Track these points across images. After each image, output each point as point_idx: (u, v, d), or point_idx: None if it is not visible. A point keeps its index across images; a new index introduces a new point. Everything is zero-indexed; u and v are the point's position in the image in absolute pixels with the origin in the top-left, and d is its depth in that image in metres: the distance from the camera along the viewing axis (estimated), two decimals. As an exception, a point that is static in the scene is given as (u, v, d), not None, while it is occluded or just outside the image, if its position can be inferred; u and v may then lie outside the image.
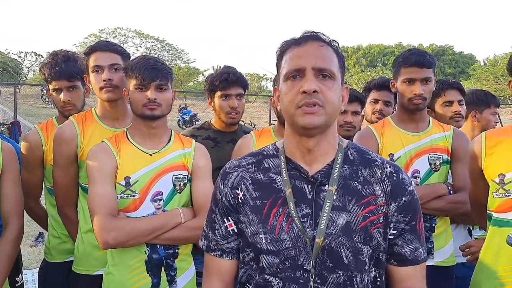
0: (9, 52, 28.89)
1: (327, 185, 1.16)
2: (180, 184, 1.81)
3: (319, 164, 1.18)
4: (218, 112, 2.45)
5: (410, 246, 1.20)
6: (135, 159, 1.78)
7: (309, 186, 1.17)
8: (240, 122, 2.57)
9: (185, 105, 18.85)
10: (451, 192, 2.11)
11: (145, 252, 1.74)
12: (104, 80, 1.92)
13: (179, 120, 17.42)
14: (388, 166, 1.21)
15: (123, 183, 1.75)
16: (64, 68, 2.14)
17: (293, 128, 1.17)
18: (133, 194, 1.75)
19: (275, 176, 1.20)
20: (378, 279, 1.20)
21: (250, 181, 1.22)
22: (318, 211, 1.14)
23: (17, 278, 2.11)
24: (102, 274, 1.84)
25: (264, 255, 1.17)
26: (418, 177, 2.12)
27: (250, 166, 1.24)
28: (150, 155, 1.80)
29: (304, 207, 1.15)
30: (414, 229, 1.20)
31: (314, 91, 1.10)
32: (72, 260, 2.08)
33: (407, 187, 1.19)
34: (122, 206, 1.74)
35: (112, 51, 1.98)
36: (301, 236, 1.14)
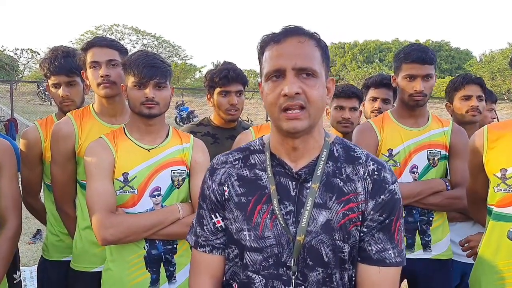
0: (5, 49, 28.75)
1: (310, 182, 1.15)
2: (178, 180, 1.80)
3: (304, 160, 1.17)
4: (217, 108, 2.44)
5: (377, 245, 1.15)
6: (133, 154, 1.77)
7: (293, 183, 1.16)
8: (239, 118, 2.57)
9: (182, 101, 18.82)
10: (449, 187, 2.12)
11: (144, 247, 1.74)
12: (101, 76, 1.92)
13: (176, 117, 17.39)
14: (371, 163, 1.18)
15: (121, 179, 1.74)
16: (64, 63, 2.14)
17: (277, 129, 1.15)
18: (131, 190, 1.74)
19: (261, 173, 1.19)
20: (353, 277, 1.19)
21: (235, 177, 1.21)
22: (300, 209, 1.13)
23: (14, 275, 2.10)
24: (101, 271, 1.83)
25: (248, 252, 1.16)
26: (416, 172, 2.13)
27: (237, 162, 1.23)
28: (148, 150, 1.79)
29: (287, 204, 1.15)
30: (387, 228, 1.15)
31: (296, 93, 1.07)
32: (70, 260, 2.09)
33: (387, 185, 1.16)
34: (121, 202, 1.74)
35: (110, 47, 1.97)
36: (285, 233, 1.13)
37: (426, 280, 2.13)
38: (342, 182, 1.16)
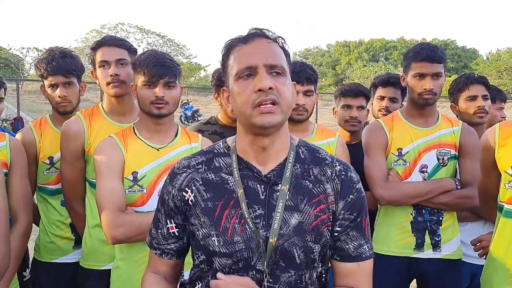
0: (11, 48, 28.91)
1: (279, 185, 1.15)
2: None
3: (272, 163, 1.17)
4: (224, 107, 2.44)
5: (354, 243, 1.20)
6: (143, 154, 1.77)
7: (262, 186, 1.15)
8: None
9: (187, 100, 18.84)
10: (459, 187, 2.11)
11: (153, 246, 1.74)
12: (111, 75, 1.92)
13: (181, 115, 17.43)
14: (337, 164, 1.21)
15: (131, 178, 1.74)
16: (61, 64, 2.12)
17: (246, 127, 1.14)
18: (140, 189, 1.74)
19: (227, 177, 1.18)
20: (324, 275, 1.22)
21: (200, 182, 1.19)
22: (271, 212, 1.13)
23: (24, 273, 2.12)
24: (110, 269, 1.84)
25: (217, 257, 1.15)
26: (426, 172, 2.12)
27: (200, 166, 1.21)
28: (157, 150, 1.79)
29: (256, 208, 1.14)
30: (359, 226, 1.20)
31: (270, 88, 1.08)
32: (60, 263, 2.12)
33: (354, 185, 1.20)
34: (130, 201, 1.74)
35: (119, 46, 1.97)
36: (254, 237, 1.13)
37: (435, 279, 2.12)
38: (311, 184, 1.17)
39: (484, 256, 1.92)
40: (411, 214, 2.12)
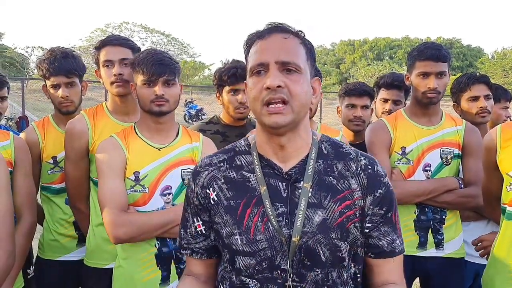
0: (16, 47, 29.07)
1: (301, 182, 1.12)
2: (188, 178, 1.80)
3: (293, 160, 1.15)
4: (226, 107, 2.44)
5: (387, 238, 1.17)
6: (144, 153, 1.77)
7: (284, 184, 1.13)
8: (248, 116, 2.56)
9: (191, 99, 18.84)
10: (462, 186, 2.10)
11: (155, 245, 1.74)
12: (114, 75, 1.93)
13: (185, 114, 17.44)
14: (362, 158, 1.17)
15: (133, 177, 1.74)
16: (63, 64, 2.12)
17: (261, 125, 1.13)
18: (142, 189, 1.74)
19: (248, 174, 1.16)
20: (358, 274, 1.19)
21: (222, 180, 1.18)
22: (294, 209, 1.11)
23: (28, 271, 2.13)
24: (113, 268, 1.84)
25: (240, 257, 1.14)
26: (429, 171, 2.12)
27: (222, 163, 1.20)
28: (159, 149, 1.79)
29: (279, 206, 1.12)
30: (390, 220, 1.17)
31: (278, 86, 1.05)
32: (63, 260, 2.13)
33: (382, 179, 1.16)
34: (132, 201, 1.74)
35: (123, 46, 1.97)
36: (277, 236, 1.11)
37: (438, 278, 2.12)
38: (335, 180, 1.14)
39: (486, 256, 1.91)
40: (414, 212, 2.12)
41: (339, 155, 1.18)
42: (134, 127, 1.84)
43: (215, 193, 1.18)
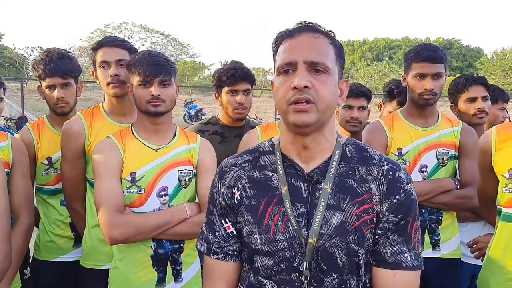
0: (15, 48, 29.05)
1: (322, 183, 1.11)
2: (185, 179, 1.80)
3: (316, 161, 1.13)
4: (225, 107, 2.44)
5: (393, 248, 1.10)
6: (141, 154, 1.77)
7: (305, 184, 1.12)
8: (247, 117, 2.57)
9: (191, 99, 18.84)
10: (458, 187, 2.10)
11: (151, 247, 1.74)
12: (111, 76, 1.93)
13: (185, 115, 17.44)
14: (385, 164, 1.14)
15: (129, 178, 1.74)
16: (59, 65, 2.12)
17: (286, 124, 1.12)
18: (138, 190, 1.74)
19: (271, 174, 1.16)
20: (368, 285, 1.14)
21: (246, 180, 1.17)
22: (313, 210, 1.10)
23: (25, 271, 2.13)
24: (109, 269, 1.84)
25: (259, 256, 1.13)
26: (425, 172, 2.12)
27: (247, 164, 1.19)
28: (156, 150, 1.79)
29: (299, 206, 1.11)
30: (403, 230, 1.11)
31: (305, 87, 1.04)
32: (60, 261, 2.12)
33: (402, 185, 1.11)
34: (128, 202, 1.74)
35: (119, 47, 1.98)
36: (297, 236, 1.09)
37: (435, 279, 2.12)
38: (355, 183, 1.12)
39: (482, 257, 1.92)
40: (411, 213, 2.12)
41: (362, 159, 1.15)
42: (131, 128, 1.84)
43: (239, 192, 1.17)
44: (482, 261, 1.83)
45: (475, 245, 2.02)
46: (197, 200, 1.87)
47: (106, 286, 1.84)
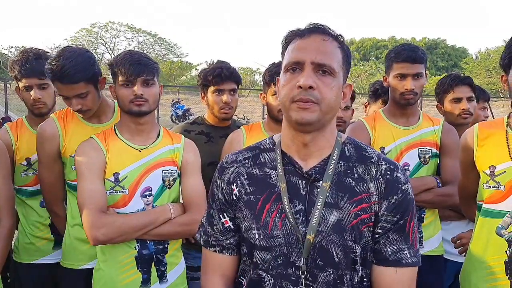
0: (-1, 47, 28.58)
1: (321, 182, 1.14)
2: (169, 180, 1.80)
3: (315, 159, 1.16)
4: (211, 107, 2.44)
5: (393, 246, 1.14)
6: (124, 155, 1.77)
7: (303, 182, 1.15)
8: (233, 117, 2.57)
9: (178, 99, 18.75)
10: (440, 185, 2.14)
11: (135, 247, 1.74)
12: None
13: (172, 114, 17.34)
14: (384, 163, 1.16)
15: (112, 179, 1.74)
16: (35, 65, 2.09)
17: (287, 121, 1.15)
18: (122, 190, 1.74)
19: (270, 171, 1.18)
20: (365, 279, 1.17)
21: (245, 176, 1.20)
22: (311, 208, 1.12)
23: (8, 274, 2.11)
24: (88, 268, 1.84)
25: (257, 251, 1.16)
26: (407, 170, 2.15)
27: (247, 161, 1.22)
28: (139, 150, 1.79)
29: (297, 203, 1.14)
30: (401, 229, 1.14)
31: (310, 87, 1.06)
32: (39, 263, 2.11)
33: (400, 185, 1.14)
34: (112, 202, 1.74)
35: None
36: (294, 232, 1.12)
37: (418, 275, 2.14)
38: (354, 182, 1.14)
39: (465, 254, 1.95)
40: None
41: (361, 158, 1.18)
42: (114, 128, 1.83)
43: (238, 188, 1.20)
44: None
45: (459, 241, 2.06)
46: (181, 201, 1.86)
47: (85, 285, 1.84)
